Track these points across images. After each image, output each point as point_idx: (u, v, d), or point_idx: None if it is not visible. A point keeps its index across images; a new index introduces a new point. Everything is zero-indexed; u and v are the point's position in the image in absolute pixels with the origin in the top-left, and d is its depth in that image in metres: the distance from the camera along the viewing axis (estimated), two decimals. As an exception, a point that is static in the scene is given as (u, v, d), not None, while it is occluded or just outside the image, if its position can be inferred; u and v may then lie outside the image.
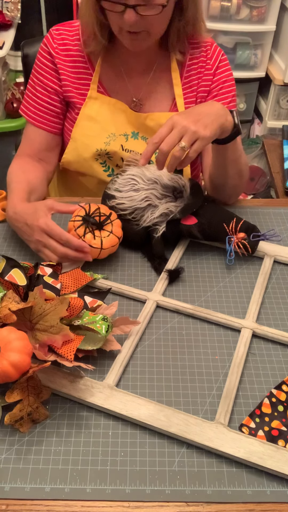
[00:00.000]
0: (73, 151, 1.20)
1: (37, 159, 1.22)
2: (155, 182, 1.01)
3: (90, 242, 0.95)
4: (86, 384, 0.77)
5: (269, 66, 2.59)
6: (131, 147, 1.19)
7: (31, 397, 0.73)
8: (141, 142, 1.20)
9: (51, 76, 1.17)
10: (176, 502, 0.67)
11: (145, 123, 1.18)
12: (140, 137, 1.20)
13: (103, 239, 0.96)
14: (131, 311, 0.92)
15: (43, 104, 1.19)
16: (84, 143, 1.19)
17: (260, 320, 0.91)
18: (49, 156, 1.24)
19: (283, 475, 0.69)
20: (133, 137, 1.19)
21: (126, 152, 1.18)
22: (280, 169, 1.71)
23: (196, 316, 0.91)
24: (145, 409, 0.74)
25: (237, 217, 1.01)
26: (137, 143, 1.19)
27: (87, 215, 0.97)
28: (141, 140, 1.20)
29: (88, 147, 1.18)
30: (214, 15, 2.44)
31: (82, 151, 1.19)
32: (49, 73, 1.17)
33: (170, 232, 1.00)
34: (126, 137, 1.19)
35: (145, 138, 1.20)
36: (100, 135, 1.18)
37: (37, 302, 0.77)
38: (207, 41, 1.20)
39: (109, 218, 0.98)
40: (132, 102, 1.19)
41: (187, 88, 1.20)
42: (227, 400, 0.76)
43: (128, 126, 1.19)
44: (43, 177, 1.20)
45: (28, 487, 0.68)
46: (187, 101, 1.20)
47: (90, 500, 0.67)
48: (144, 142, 1.20)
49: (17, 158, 1.22)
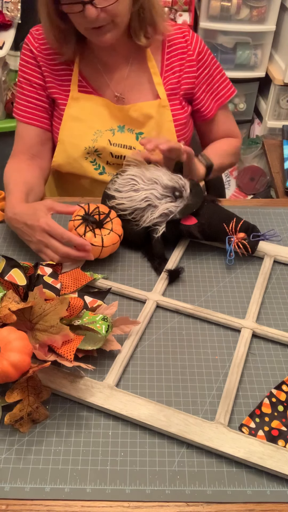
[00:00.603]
0: (62, 153, 1.21)
1: (31, 155, 1.23)
2: (155, 183, 1.01)
3: (91, 240, 0.95)
4: (86, 384, 0.77)
5: (269, 66, 2.59)
6: (118, 140, 1.20)
7: (31, 397, 0.73)
8: (127, 134, 1.21)
9: (35, 72, 1.19)
10: (176, 502, 0.67)
11: (129, 115, 1.19)
12: (126, 130, 1.21)
13: (104, 237, 0.96)
14: (131, 311, 0.92)
15: (31, 100, 1.21)
16: (72, 143, 1.19)
17: (260, 320, 0.91)
18: (42, 150, 1.25)
19: (283, 475, 0.69)
20: (119, 131, 1.20)
21: (114, 146, 1.19)
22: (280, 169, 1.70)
23: (196, 316, 0.91)
24: (145, 409, 0.74)
25: (237, 217, 1.01)
26: (124, 136, 1.20)
27: (87, 214, 0.97)
28: (128, 132, 1.21)
29: (77, 147, 1.19)
30: (214, 15, 2.43)
31: (71, 151, 1.20)
32: (33, 69, 1.19)
33: (170, 232, 1.00)
34: (113, 131, 1.20)
35: (131, 130, 1.21)
36: (87, 133, 1.19)
37: (37, 302, 0.77)
38: (182, 26, 1.22)
39: (108, 216, 0.98)
40: (114, 97, 1.20)
41: (170, 74, 1.20)
42: (227, 400, 0.76)
43: (113, 121, 1.20)
44: (39, 175, 1.20)
45: (28, 487, 0.68)
46: (169, 87, 1.20)
47: (90, 500, 0.67)
48: (131, 134, 1.20)
49: (12, 158, 1.23)
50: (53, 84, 1.20)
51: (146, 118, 1.19)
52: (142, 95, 1.21)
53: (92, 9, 0.98)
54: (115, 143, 1.20)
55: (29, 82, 1.20)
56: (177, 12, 2.44)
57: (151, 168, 1.04)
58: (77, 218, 0.97)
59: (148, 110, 1.19)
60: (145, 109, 1.18)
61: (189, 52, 1.20)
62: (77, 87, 1.19)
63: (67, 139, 1.20)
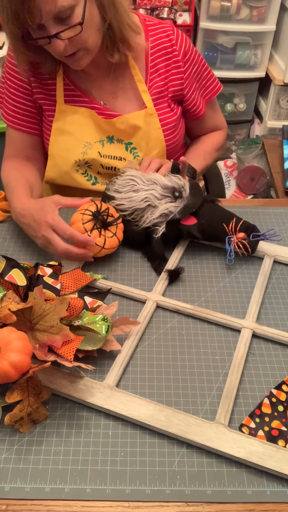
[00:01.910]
0: (54, 167, 1.20)
1: (25, 157, 1.23)
2: (155, 183, 1.01)
3: (95, 239, 0.95)
4: (86, 384, 0.77)
5: (269, 66, 2.59)
6: (108, 152, 1.18)
7: (31, 398, 0.73)
8: (117, 145, 1.19)
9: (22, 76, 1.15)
10: (176, 502, 0.67)
11: (116, 127, 1.16)
12: (115, 140, 1.18)
13: (107, 239, 0.96)
14: (131, 311, 0.92)
15: (18, 106, 1.19)
16: (61, 157, 1.18)
17: (260, 320, 0.91)
18: (35, 153, 1.24)
19: (283, 475, 0.69)
20: (108, 142, 1.18)
21: (104, 158, 1.18)
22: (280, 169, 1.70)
23: (196, 316, 0.91)
24: (145, 409, 0.74)
25: (236, 217, 1.01)
26: (113, 147, 1.18)
27: (98, 212, 0.97)
28: (117, 143, 1.19)
29: (67, 160, 1.18)
30: (214, 15, 2.43)
31: (62, 165, 1.19)
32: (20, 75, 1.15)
33: (170, 233, 1.00)
34: (102, 143, 1.18)
35: (120, 140, 1.18)
36: (76, 146, 1.17)
37: (37, 302, 0.77)
38: (165, 25, 1.18)
39: (116, 220, 0.98)
40: (100, 107, 1.17)
41: (156, 77, 1.17)
42: (227, 400, 0.76)
43: (101, 132, 1.18)
44: (37, 175, 1.21)
45: (28, 487, 0.68)
46: (155, 91, 1.17)
47: (90, 500, 0.67)
48: (120, 144, 1.18)
49: (6, 160, 1.22)
50: (40, 90, 1.16)
51: (134, 129, 1.17)
52: (128, 103, 1.18)
53: (58, 42, 0.96)
54: (105, 154, 1.18)
55: (15, 86, 1.17)
56: (177, 12, 2.44)
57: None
58: (87, 213, 0.97)
59: (135, 121, 1.16)
60: (132, 120, 1.16)
61: (174, 53, 1.17)
62: (63, 98, 1.16)
63: (57, 153, 1.18)
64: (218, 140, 1.34)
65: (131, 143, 1.18)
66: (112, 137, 1.18)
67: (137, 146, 1.18)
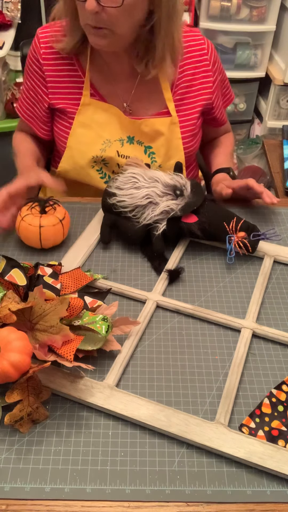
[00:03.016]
0: (69, 159, 1.20)
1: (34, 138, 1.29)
2: (156, 181, 1.01)
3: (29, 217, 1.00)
4: (86, 384, 0.77)
5: (269, 66, 2.59)
6: (127, 152, 1.18)
7: (31, 397, 0.73)
8: (136, 146, 1.19)
9: (39, 82, 1.17)
10: (176, 502, 0.67)
11: (140, 129, 1.17)
12: (135, 142, 1.19)
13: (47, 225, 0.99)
14: (131, 311, 0.92)
15: (33, 110, 1.22)
16: (80, 150, 1.18)
17: (260, 320, 0.91)
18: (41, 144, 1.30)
19: (283, 475, 0.69)
20: (128, 142, 1.18)
21: (122, 158, 1.18)
22: (280, 169, 1.71)
23: (196, 316, 0.91)
24: (145, 409, 0.74)
25: (237, 217, 1.01)
26: (133, 148, 1.18)
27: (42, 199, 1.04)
28: (137, 144, 1.19)
29: (84, 154, 1.18)
30: (214, 15, 2.43)
31: (78, 158, 1.19)
32: (38, 79, 1.17)
33: (171, 230, 1.00)
34: (122, 142, 1.18)
35: (140, 142, 1.18)
36: (95, 142, 1.17)
37: (37, 302, 0.77)
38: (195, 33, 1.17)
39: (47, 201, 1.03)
40: (123, 107, 1.18)
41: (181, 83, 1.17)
42: (227, 400, 0.76)
43: (123, 131, 1.18)
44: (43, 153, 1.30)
45: (28, 487, 0.68)
46: (179, 97, 1.17)
47: (90, 500, 0.67)
48: (140, 146, 1.18)
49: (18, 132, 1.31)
50: (59, 92, 1.16)
51: (157, 134, 1.17)
52: (151, 107, 1.18)
53: (92, 2, 0.94)
54: (123, 154, 1.18)
55: (33, 89, 1.19)
56: (177, 12, 2.44)
57: (152, 169, 1.05)
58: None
59: (160, 127, 1.16)
60: (157, 125, 1.16)
61: (205, 62, 1.16)
62: (90, 92, 1.16)
63: (75, 146, 1.18)
64: (232, 142, 1.39)
65: (151, 147, 1.19)
66: (133, 138, 1.18)
67: (156, 151, 1.18)
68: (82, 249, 1.02)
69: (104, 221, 1.05)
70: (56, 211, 1.02)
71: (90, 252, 1.03)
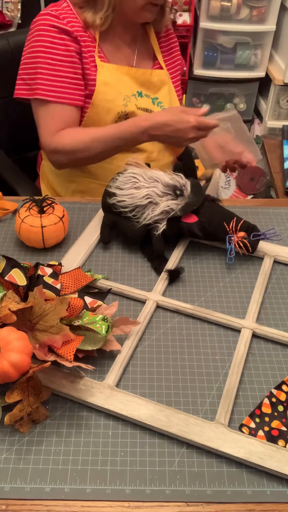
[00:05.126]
0: (95, 116, 1.23)
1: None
2: (156, 181, 1.02)
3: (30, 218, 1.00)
4: (86, 384, 0.77)
5: (269, 66, 2.59)
6: (142, 105, 1.27)
7: (31, 398, 0.73)
8: (145, 99, 1.28)
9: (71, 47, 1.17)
10: (176, 502, 0.67)
11: (150, 79, 1.28)
12: (144, 95, 1.28)
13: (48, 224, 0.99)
14: (131, 311, 0.92)
15: (65, 80, 1.18)
16: (105, 107, 1.22)
17: (260, 320, 0.91)
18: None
19: (283, 475, 0.69)
20: (139, 96, 1.27)
21: (140, 110, 1.25)
22: (280, 169, 1.71)
23: (196, 316, 0.91)
24: (145, 409, 0.74)
25: (237, 217, 1.01)
26: (144, 101, 1.28)
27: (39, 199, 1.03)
28: (145, 97, 1.28)
29: (110, 111, 1.22)
30: (214, 15, 2.43)
31: (104, 115, 1.23)
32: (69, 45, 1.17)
33: (171, 230, 1.00)
34: (135, 96, 1.26)
35: (147, 95, 1.28)
36: (117, 98, 1.23)
37: (37, 302, 0.77)
38: None
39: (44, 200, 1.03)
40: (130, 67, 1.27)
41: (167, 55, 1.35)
42: (227, 400, 0.76)
43: (134, 86, 1.26)
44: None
45: (28, 487, 0.68)
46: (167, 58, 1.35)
47: (90, 500, 0.67)
48: (148, 99, 1.28)
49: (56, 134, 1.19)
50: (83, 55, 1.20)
51: (163, 84, 1.30)
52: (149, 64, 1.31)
53: None
54: (141, 107, 1.26)
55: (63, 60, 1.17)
56: (177, 12, 2.45)
57: (152, 170, 1.05)
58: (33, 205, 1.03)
59: (164, 77, 1.31)
60: (163, 75, 1.30)
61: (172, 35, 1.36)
62: (99, 57, 1.22)
63: (100, 103, 1.22)
64: None
65: (157, 98, 1.30)
66: (141, 92, 1.27)
67: (163, 100, 1.30)
68: (82, 249, 1.02)
69: (104, 221, 1.05)
70: (54, 209, 1.02)
71: (90, 252, 1.03)
